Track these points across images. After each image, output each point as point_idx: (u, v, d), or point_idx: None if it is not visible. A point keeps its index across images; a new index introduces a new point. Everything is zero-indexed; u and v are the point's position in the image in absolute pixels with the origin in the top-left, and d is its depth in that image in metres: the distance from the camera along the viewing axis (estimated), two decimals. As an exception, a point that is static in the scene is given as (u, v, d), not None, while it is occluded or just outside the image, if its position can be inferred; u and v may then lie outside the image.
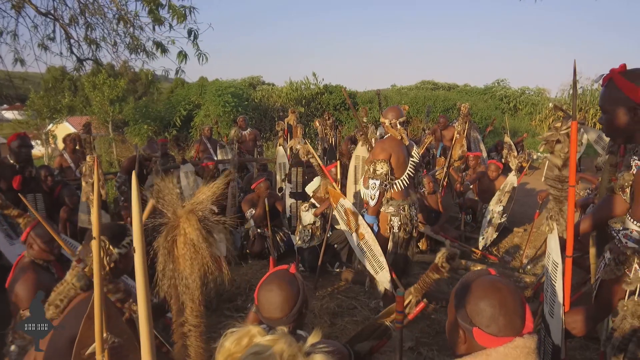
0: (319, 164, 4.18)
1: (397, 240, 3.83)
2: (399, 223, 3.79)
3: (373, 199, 3.69)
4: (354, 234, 3.77)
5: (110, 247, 1.68)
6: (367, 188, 3.73)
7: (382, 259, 3.62)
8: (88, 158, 3.13)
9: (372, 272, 3.71)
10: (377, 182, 3.66)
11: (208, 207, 1.49)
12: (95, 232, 1.09)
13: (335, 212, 4.02)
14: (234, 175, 6.30)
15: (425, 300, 3.40)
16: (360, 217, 3.74)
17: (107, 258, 1.64)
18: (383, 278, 3.64)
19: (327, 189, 4.06)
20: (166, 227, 1.44)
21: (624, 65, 1.76)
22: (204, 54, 5.50)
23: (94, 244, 1.07)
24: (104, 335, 1.19)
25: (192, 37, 5.30)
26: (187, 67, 6.03)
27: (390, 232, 3.80)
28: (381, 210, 3.82)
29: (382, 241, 3.77)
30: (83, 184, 3.55)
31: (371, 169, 3.69)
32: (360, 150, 5.74)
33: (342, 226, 4.02)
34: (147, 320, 1.06)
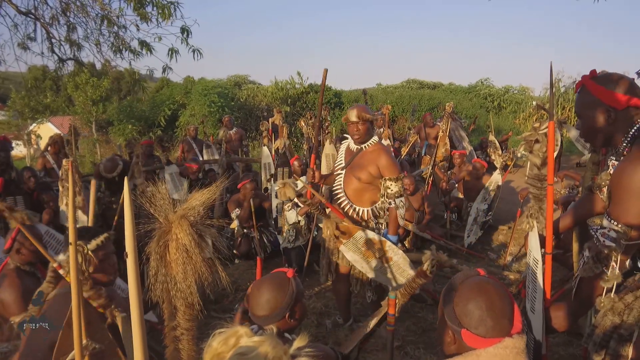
0: (318, 203, 3.41)
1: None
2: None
3: (402, 218, 3.43)
4: (372, 261, 3.36)
5: (90, 252, 1.66)
6: (384, 208, 3.40)
7: (410, 270, 3.30)
8: (64, 162, 3.06)
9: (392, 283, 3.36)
10: (403, 199, 3.38)
11: (200, 213, 1.49)
12: (71, 237, 1.08)
13: (343, 247, 3.40)
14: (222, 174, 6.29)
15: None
16: (387, 243, 3.33)
17: (85, 264, 1.62)
18: None
19: (335, 227, 3.35)
20: (158, 232, 1.44)
21: (594, 71, 1.81)
22: (198, 50, 5.47)
23: (70, 249, 1.06)
24: (84, 341, 1.18)
25: (184, 35, 5.27)
26: (173, 66, 5.98)
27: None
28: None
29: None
30: (60, 188, 3.47)
31: (396, 187, 3.32)
32: (329, 149, 5.58)
33: (353, 257, 3.39)
34: (139, 324, 1.06)
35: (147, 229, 1.41)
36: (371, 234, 3.34)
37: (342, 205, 3.51)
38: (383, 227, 3.46)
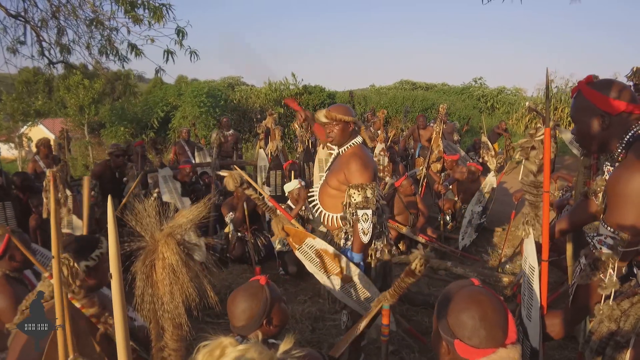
0: (262, 197, 3.13)
1: (382, 264, 3.13)
2: (382, 245, 3.11)
3: (366, 234, 2.85)
4: (334, 277, 3.00)
5: (75, 264, 1.63)
6: (349, 219, 2.93)
7: (375, 296, 2.89)
8: (47, 172, 2.94)
9: (363, 312, 2.98)
10: (370, 212, 2.85)
11: (188, 230, 1.45)
12: (54, 250, 1.05)
13: (298, 253, 3.12)
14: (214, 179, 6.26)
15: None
16: (344, 259, 2.91)
17: (72, 277, 1.59)
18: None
19: (282, 228, 3.07)
20: (144, 251, 1.41)
21: (591, 77, 1.81)
22: (195, 52, 5.44)
23: (54, 263, 1.03)
24: (71, 356, 1.15)
25: (180, 36, 5.24)
26: (167, 67, 5.96)
27: (374, 257, 3.08)
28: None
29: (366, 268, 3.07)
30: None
31: (359, 197, 2.84)
32: (322, 153, 5.50)
33: (311, 268, 3.12)
34: (125, 345, 1.03)
35: (133, 248, 1.38)
36: (322, 244, 2.97)
37: (315, 209, 3.23)
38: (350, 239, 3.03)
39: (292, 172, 5.82)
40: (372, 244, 3.05)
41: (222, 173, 3.05)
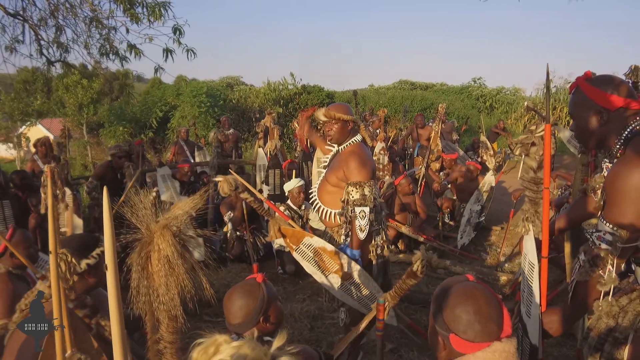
0: (258, 199, 3.14)
1: (382, 260, 3.17)
2: (382, 240, 3.15)
3: (363, 231, 2.89)
4: (333, 276, 3.02)
5: (74, 260, 1.63)
6: (346, 215, 2.95)
7: (377, 293, 2.96)
8: (46, 168, 2.90)
9: (364, 310, 3.02)
10: (367, 209, 2.89)
11: (184, 222, 1.45)
12: (52, 246, 1.04)
13: (295, 254, 3.12)
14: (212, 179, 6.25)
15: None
16: (344, 257, 2.94)
17: (69, 273, 1.59)
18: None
19: (279, 229, 3.08)
20: (140, 243, 1.41)
21: (589, 73, 1.81)
22: (192, 50, 5.43)
23: (51, 258, 1.03)
24: (68, 352, 1.15)
25: (177, 34, 5.24)
26: (166, 66, 5.95)
27: (374, 254, 3.11)
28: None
29: (367, 265, 3.09)
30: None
31: (357, 194, 2.88)
32: (321, 153, 5.56)
33: (309, 268, 3.13)
34: (120, 339, 1.03)
35: (129, 240, 1.37)
36: (320, 242, 3.00)
37: (314, 206, 3.26)
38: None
39: (293, 171, 5.82)
40: (372, 241, 3.08)
41: (217, 179, 3.03)
